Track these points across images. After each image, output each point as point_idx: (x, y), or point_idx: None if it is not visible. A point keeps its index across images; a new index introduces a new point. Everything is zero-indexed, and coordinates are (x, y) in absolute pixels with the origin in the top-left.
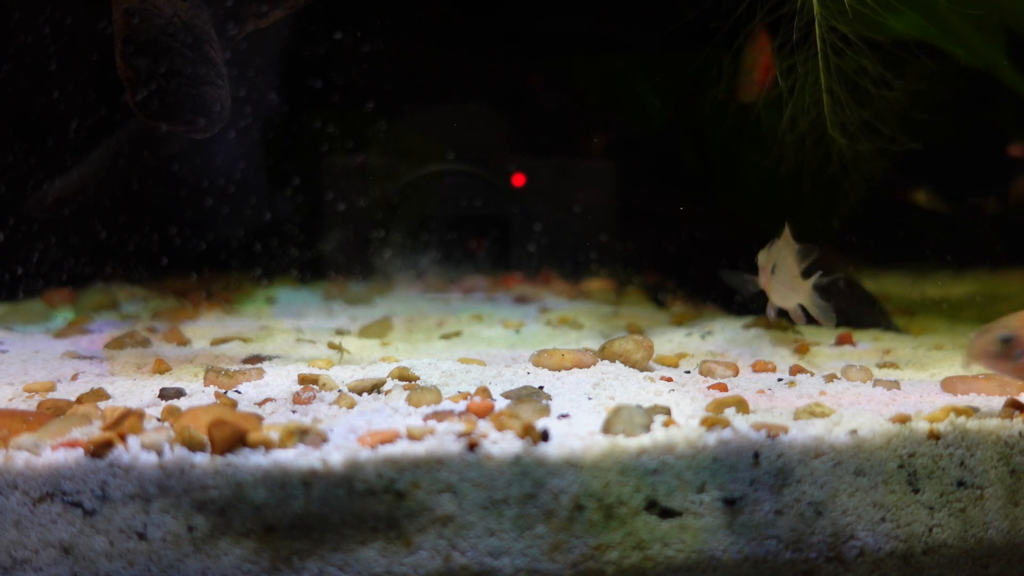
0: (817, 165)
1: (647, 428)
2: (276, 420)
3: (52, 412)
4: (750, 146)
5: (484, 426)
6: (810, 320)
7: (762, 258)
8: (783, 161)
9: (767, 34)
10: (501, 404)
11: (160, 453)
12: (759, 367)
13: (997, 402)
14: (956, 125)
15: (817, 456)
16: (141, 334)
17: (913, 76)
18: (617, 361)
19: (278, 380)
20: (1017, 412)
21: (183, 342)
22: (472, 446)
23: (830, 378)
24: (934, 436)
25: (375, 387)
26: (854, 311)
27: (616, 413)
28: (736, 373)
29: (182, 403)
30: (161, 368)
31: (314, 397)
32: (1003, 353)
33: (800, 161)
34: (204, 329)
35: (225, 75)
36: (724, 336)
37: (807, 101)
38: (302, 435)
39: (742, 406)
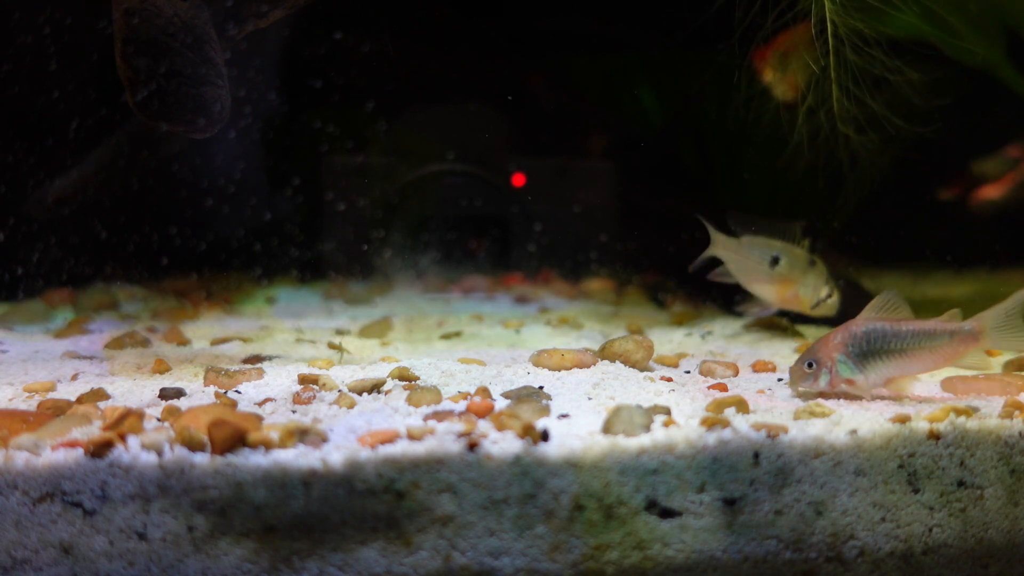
0: (821, 163)
1: (647, 428)
2: (276, 420)
3: (52, 412)
4: (750, 145)
5: (484, 426)
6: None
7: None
8: (785, 160)
9: (805, 30)
10: (501, 404)
11: (160, 453)
12: (759, 367)
13: (997, 402)
14: (960, 122)
15: (817, 456)
16: (141, 334)
17: (920, 71)
18: (617, 361)
19: (278, 380)
20: (1017, 412)
21: (183, 342)
22: (472, 446)
23: None
24: (934, 436)
25: (375, 387)
26: (854, 311)
27: (616, 413)
28: (736, 373)
29: (182, 403)
30: (161, 368)
31: (314, 397)
32: (812, 375)
33: (803, 160)
34: (204, 329)
35: (225, 75)
36: (724, 336)
37: (815, 98)
38: (302, 435)
39: (742, 406)
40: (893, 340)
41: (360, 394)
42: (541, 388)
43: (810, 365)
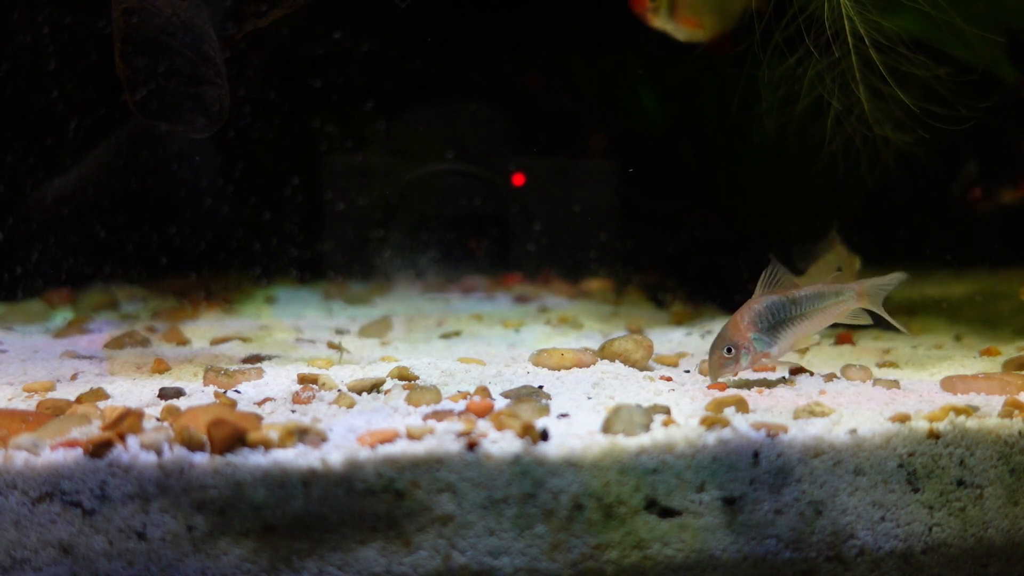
0: (821, 163)
1: (647, 427)
2: (275, 420)
3: (51, 412)
4: (750, 145)
5: (484, 426)
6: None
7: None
8: (787, 160)
9: None
10: (501, 404)
11: (159, 453)
12: (758, 367)
13: (997, 401)
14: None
15: (817, 455)
16: (141, 334)
17: (923, 69)
18: (617, 360)
19: (278, 380)
20: (1017, 411)
21: (183, 342)
22: (471, 446)
23: (829, 377)
24: (934, 435)
25: (375, 387)
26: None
27: (616, 412)
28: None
29: (181, 403)
30: (161, 368)
31: (313, 397)
32: (733, 359)
33: (804, 160)
34: (204, 329)
35: (224, 74)
36: None
37: (832, 96)
38: (301, 435)
39: (742, 405)
40: (792, 308)
41: (360, 394)
42: (541, 388)
43: (729, 351)
